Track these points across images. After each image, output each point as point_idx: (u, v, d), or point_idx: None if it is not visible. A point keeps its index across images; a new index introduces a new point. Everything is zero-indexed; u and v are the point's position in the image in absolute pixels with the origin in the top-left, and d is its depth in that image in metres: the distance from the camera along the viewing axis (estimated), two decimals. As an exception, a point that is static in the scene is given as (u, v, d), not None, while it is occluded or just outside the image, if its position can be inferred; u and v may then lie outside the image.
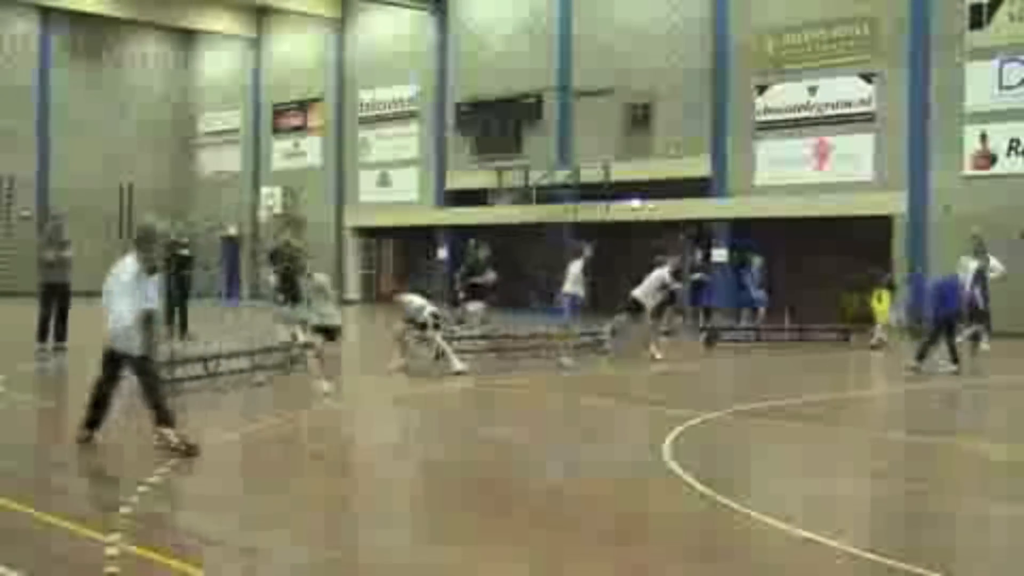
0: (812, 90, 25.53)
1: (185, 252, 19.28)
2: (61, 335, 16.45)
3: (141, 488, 6.96)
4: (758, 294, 21.25)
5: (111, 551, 5.53)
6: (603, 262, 29.38)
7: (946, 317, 14.86)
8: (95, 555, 5.50)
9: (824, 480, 8.08)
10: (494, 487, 7.71)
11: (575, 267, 16.61)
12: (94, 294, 18.00)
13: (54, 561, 5.58)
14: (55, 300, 16.45)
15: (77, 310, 16.76)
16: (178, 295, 19.06)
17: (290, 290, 18.77)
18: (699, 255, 22.09)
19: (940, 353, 14.90)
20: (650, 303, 16.57)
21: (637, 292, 16.67)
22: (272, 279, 19.08)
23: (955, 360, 14.75)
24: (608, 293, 29.18)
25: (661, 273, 16.75)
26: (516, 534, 6.35)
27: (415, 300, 14.43)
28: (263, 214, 38.42)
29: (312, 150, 38.51)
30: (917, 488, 7.91)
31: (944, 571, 5.47)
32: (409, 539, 6.30)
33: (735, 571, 5.67)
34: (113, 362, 8.55)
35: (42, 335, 16.31)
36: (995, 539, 6.54)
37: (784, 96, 26.01)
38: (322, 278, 12.88)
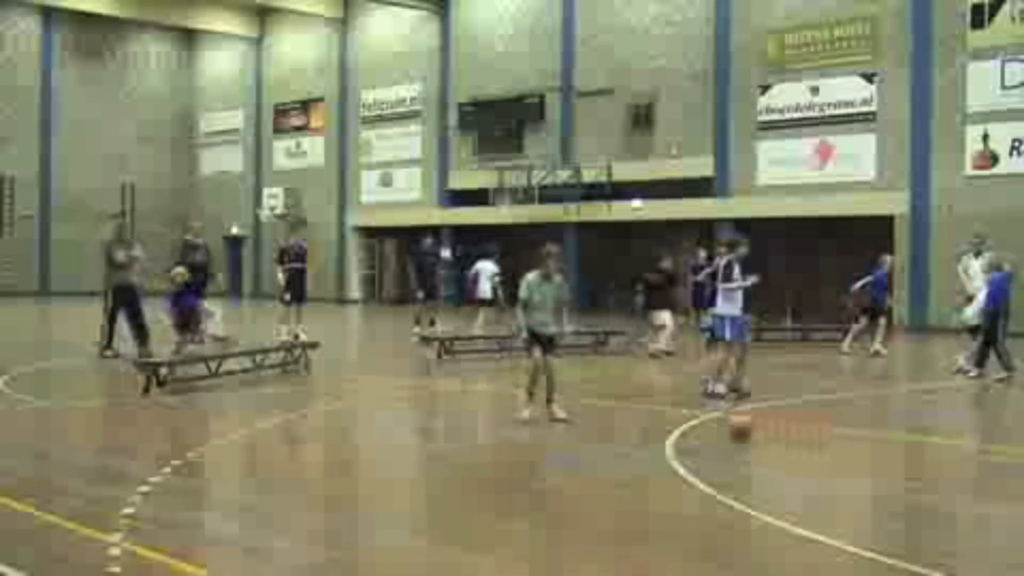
0: (814, 90, 25.53)
1: (199, 257, 17.43)
2: (143, 339, 14.97)
3: (143, 488, 6.97)
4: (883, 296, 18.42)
5: (113, 551, 5.54)
6: (603, 262, 29.55)
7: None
8: (96, 555, 5.50)
9: (824, 480, 8.08)
10: (494, 487, 7.71)
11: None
12: (96, 294, 17.94)
13: (54, 561, 5.59)
14: (124, 303, 15.23)
15: (78, 310, 16.77)
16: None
17: (297, 289, 18.89)
18: (702, 256, 22.09)
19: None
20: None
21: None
22: (280, 278, 19.12)
23: (980, 364, 14.15)
24: (607, 292, 29.36)
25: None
26: (516, 534, 6.36)
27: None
28: (265, 214, 38.45)
29: (314, 150, 38.52)
30: (917, 488, 7.91)
31: (944, 571, 5.47)
32: (410, 539, 6.30)
33: (735, 571, 5.67)
34: None
35: (109, 340, 15.26)
36: (995, 539, 6.54)
37: (786, 96, 26.01)
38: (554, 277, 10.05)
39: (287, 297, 18.85)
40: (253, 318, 28.50)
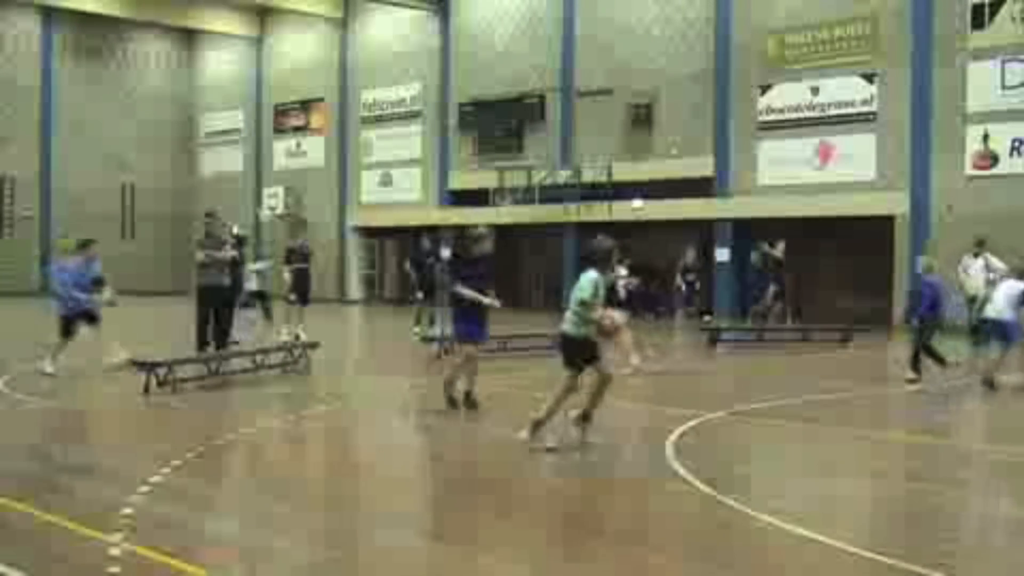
0: (814, 90, 25.53)
1: (234, 253, 16.80)
2: (221, 342, 14.68)
3: (143, 488, 6.98)
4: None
5: (113, 551, 5.54)
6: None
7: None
8: (96, 555, 5.50)
9: (824, 480, 8.08)
10: (494, 487, 7.71)
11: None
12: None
13: (54, 561, 5.59)
14: (211, 304, 14.60)
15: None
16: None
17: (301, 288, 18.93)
18: (690, 256, 22.14)
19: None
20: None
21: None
22: (286, 277, 19.18)
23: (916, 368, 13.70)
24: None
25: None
26: (516, 534, 6.36)
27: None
28: (266, 214, 38.46)
29: (314, 150, 38.52)
30: (917, 488, 7.91)
31: (944, 571, 5.47)
32: (410, 539, 6.31)
33: (735, 571, 5.67)
34: None
35: (201, 343, 14.53)
36: (995, 539, 6.54)
37: (786, 96, 26.01)
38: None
39: (292, 297, 18.91)
40: (253, 318, 28.47)
